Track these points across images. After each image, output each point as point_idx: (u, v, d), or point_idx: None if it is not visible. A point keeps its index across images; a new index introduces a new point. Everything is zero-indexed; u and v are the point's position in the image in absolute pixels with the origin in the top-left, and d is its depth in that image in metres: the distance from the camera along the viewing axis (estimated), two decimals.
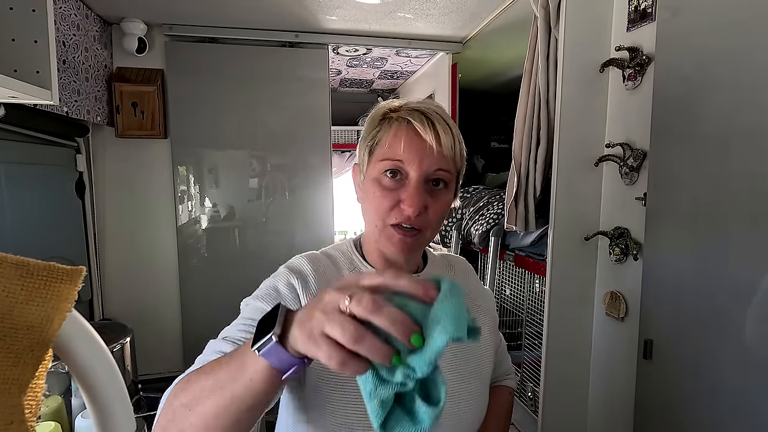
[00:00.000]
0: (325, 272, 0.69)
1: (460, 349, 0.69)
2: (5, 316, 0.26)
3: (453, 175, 0.65)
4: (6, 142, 1.33)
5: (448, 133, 0.63)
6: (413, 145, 0.62)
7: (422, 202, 0.62)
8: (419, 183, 0.62)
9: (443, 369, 0.41)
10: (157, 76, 1.85)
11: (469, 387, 0.69)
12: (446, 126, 0.63)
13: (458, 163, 0.66)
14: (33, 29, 0.91)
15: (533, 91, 1.41)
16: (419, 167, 0.62)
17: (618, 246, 1.24)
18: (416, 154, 0.62)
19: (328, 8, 1.69)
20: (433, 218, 0.64)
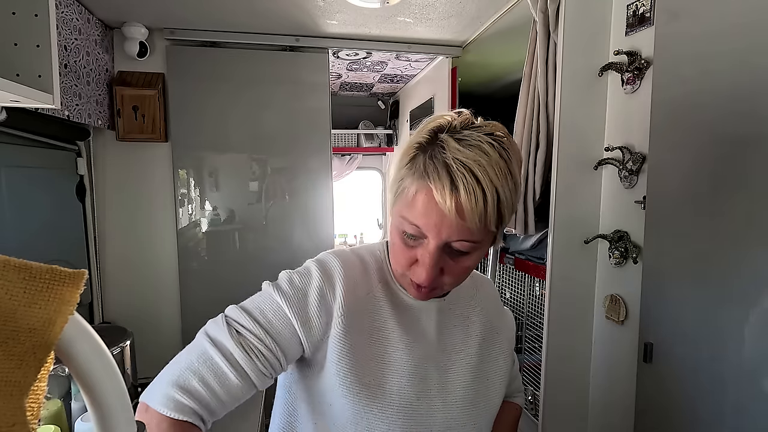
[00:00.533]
0: (354, 277, 0.65)
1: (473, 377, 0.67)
2: (8, 319, 0.26)
3: (482, 239, 0.57)
4: (7, 145, 1.33)
5: (477, 202, 0.52)
6: (431, 212, 0.54)
7: (434, 272, 0.57)
8: (435, 251, 0.56)
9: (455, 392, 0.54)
10: (158, 80, 1.86)
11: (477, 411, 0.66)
12: (478, 191, 0.52)
13: (493, 226, 0.56)
14: (35, 34, 0.92)
15: (532, 94, 1.42)
16: (436, 236, 0.55)
17: (617, 249, 1.25)
18: (434, 224, 0.54)
19: (329, 13, 1.70)
20: (453, 275, 0.59)
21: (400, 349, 0.63)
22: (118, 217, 1.90)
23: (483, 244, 0.58)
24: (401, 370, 0.62)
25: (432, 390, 0.64)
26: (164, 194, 1.95)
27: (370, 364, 0.61)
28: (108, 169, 1.87)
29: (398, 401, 0.61)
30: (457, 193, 0.52)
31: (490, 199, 0.53)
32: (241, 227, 2.04)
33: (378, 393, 0.60)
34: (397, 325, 0.64)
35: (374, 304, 0.64)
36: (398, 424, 0.61)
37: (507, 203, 0.55)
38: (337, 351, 0.60)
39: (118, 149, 1.87)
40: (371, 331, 0.63)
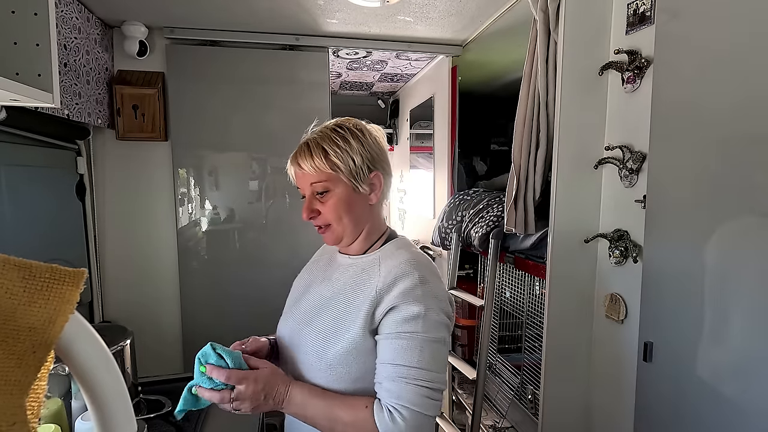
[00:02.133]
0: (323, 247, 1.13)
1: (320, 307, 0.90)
2: (8, 318, 0.26)
3: (331, 179, 0.85)
4: (7, 144, 1.33)
5: (306, 157, 0.85)
6: (296, 176, 0.90)
7: (308, 210, 0.88)
8: (308, 197, 0.88)
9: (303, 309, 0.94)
10: (158, 79, 1.86)
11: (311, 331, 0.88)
12: (305, 154, 0.86)
13: (331, 167, 0.85)
14: (35, 32, 0.92)
15: (533, 93, 1.42)
16: (303, 188, 0.89)
17: (618, 248, 1.25)
18: (298, 180, 0.89)
19: (329, 12, 1.70)
20: (329, 215, 0.88)
21: (304, 278, 1.03)
22: (118, 216, 1.90)
23: (331, 184, 0.86)
24: (297, 288, 1.03)
25: (300, 302, 0.96)
26: (164, 193, 1.95)
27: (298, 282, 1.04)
28: (108, 168, 1.87)
29: (288, 305, 1.02)
30: (296, 157, 0.88)
31: (316, 154, 0.85)
32: (241, 226, 2.04)
33: (288, 301, 1.03)
34: (319, 267, 1.01)
35: (322, 258, 1.05)
36: (281, 317, 1.02)
37: (336, 154, 0.85)
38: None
39: (118, 148, 1.87)
40: (309, 266, 1.07)
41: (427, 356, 0.77)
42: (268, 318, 2.03)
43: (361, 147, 0.87)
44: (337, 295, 0.88)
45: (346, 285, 0.88)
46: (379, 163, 0.90)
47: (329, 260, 0.99)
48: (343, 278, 0.90)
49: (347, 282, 0.88)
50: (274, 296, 2.02)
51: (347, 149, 0.86)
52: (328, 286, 0.91)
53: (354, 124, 0.91)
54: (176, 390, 1.34)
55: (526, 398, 1.69)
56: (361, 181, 0.87)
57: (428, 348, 0.78)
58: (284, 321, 0.99)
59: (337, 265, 0.94)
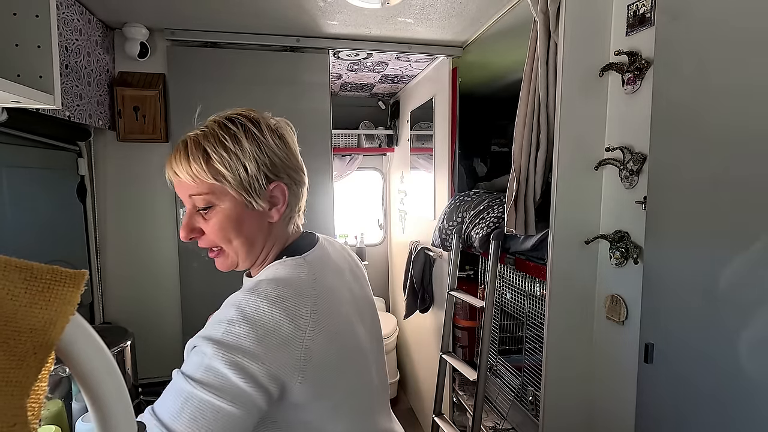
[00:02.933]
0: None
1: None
2: (9, 319, 0.26)
3: (214, 189, 0.67)
4: (8, 146, 1.33)
5: (181, 162, 0.67)
6: (174, 184, 0.71)
7: (187, 229, 0.69)
8: (187, 214, 0.69)
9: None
10: (159, 81, 1.86)
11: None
12: (183, 152, 0.67)
13: (214, 175, 0.66)
14: (36, 34, 0.92)
15: (533, 95, 1.42)
16: (183, 199, 0.69)
17: (618, 249, 1.25)
18: (177, 191, 0.70)
19: (329, 13, 1.71)
20: (212, 236, 0.70)
21: None
22: (118, 217, 1.91)
23: (217, 198, 0.67)
24: None
25: None
26: (165, 194, 1.95)
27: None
28: (109, 169, 1.88)
29: None
30: (170, 162, 0.69)
31: (197, 157, 0.66)
32: None
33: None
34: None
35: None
36: None
37: (222, 159, 0.66)
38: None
39: (118, 149, 1.87)
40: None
41: (185, 416, 0.57)
42: None
43: (257, 150, 0.67)
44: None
45: None
46: (283, 170, 0.71)
47: None
48: None
49: None
50: None
51: (237, 153, 0.66)
52: None
53: (251, 118, 0.70)
54: None
55: (526, 400, 1.69)
56: (257, 195, 0.68)
57: (191, 404, 0.58)
58: None
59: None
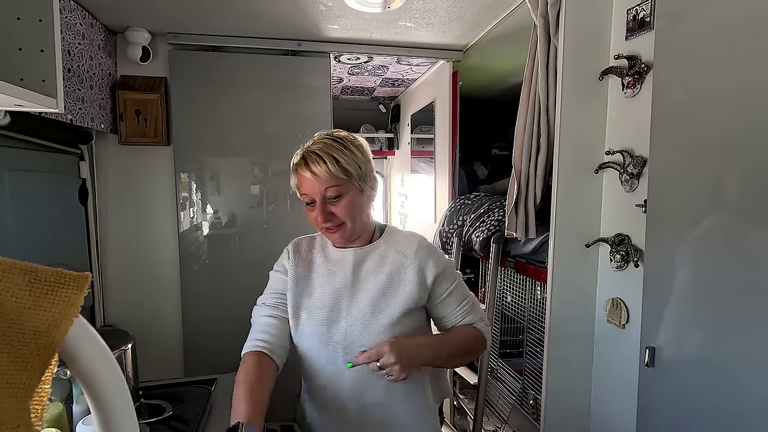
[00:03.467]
0: (300, 246, 1.11)
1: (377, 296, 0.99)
2: (14, 322, 0.26)
3: (343, 183, 0.95)
4: (11, 149, 1.34)
5: (320, 163, 0.93)
6: (305, 182, 0.96)
7: (326, 214, 0.95)
8: (319, 203, 0.95)
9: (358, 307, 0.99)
10: (161, 84, 1.87)
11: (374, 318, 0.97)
12: (318, 158, 0.94)
13: (343, 173, 0.95)
14: (39, 39, 0.93)
15: (533, 98, 1.42)
16: (314, 194, 0.95)
17: (619, 253, 1.25)
18: (309, 189, 0.96)
19: (330, 17, 1.71)
20: (343, 215, 0.96)
21: (323, 281, 1.03)
22: (120, 220, 1.91)
23: (345, 188, 0.96)
24: (323, 293, 1.01)
25: (342, 305, 0.99)
26: (166, 197, 1.96)
27: (304, 290, 1.03)
28: (110, 172, 1.88)
29: (319, 311, 1.00)
30: (308, 166, 0.94)
31: (329, 160, 0.93)
32: (242, 230, 2.05)
33: (307, 306, 1.02)
34: (323, 269, 1.04)
35: (311, 258, 1.07)
36: (318, 327, 0.99)
37: (348, 160, 0.95)
38: (290, 285, 1.03)
39: (120, 153, 1.88)
40: (306, 272, 1.05)
41: (466, 289, 1.09)
42: None
43: (361, 154, 0.99)
44: (386, 284, 1.00)
45: (386, 273, 1.00)
46: (373, 168, 1.05)
47: (330, 261, 1.05)
48: (378, 270, 1.01)
49: (385, 271, 1.01)
50: None
51: (353, 157, 0.97)
52: (372, 282, 1.00)
53: (347, 136, 1.02)
54: (177, 394, 1.34)
55: (527, 403, 1.68)
56: (366, 184, 1.00)
57: (463, 284, 1.09)
58: (328, 327, 1.00)
59: (350, 261, 1.02)
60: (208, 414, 1.28)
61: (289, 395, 2.02)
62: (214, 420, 1.26)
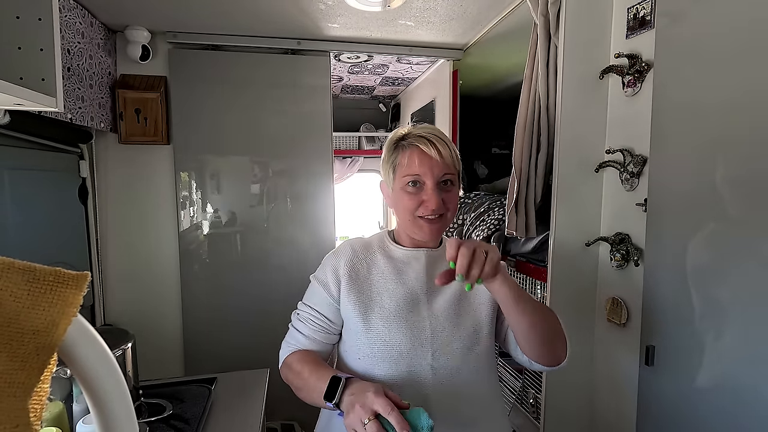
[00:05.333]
0: (354, 248, 0.96)
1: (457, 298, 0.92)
2: (12, 321, 0.26)
3: (456, 174, 0.91)
4: (10, 148, 1.34)
5: (445, 148, 0.88)
6: (424, 161, 0.87)
7: (439, 199, 0.87)
8: (435, 186, 0.87)
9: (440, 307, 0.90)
10: (161, 83, 1.87)
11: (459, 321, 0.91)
12: (444, 143, 0.89)
13: (457, 166, 0.92)
14: (39, 38, 0.93)
15: (533, 97, 1.42)
16: (432, 176, 0.87)
17: (619, 252, 1.25)
18: (428, 168, 0.87)
19: (330, 16, 1.71)
20: (450, 204, 0.90)
21: (392, 282, 0.92)
22: (120, 219, 1.91)
23: (456, 180, 0.91)
24: (394, 294, 0.90)
25: (421, 306, 0.90)
26: (166, 197, 1.96)
27: (370, 293, 0.91)
28: (110, 171, 1.88)
29: (395, 313, 0.89)
30: (434, 145, 0.87)
31: (450, 146, 0.90)
32: (242, 230, 2.05)
33: (377, 310, 0.89)
34: (389, 268, 0.93)
35: (371, 259, 0.95)
36: (397, 330, 0.88)
37: (457, 152, 0.92)
38: (346, 293, 0.91)
39: (120, 152, 1.88)
40: (368, 275, 0.93)
41: None
42: (270, 320, 2.04)
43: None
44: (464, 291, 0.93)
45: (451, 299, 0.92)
46: None
47: (396, 260, 0.94)
48: (445, 293, 0.92)
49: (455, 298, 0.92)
50: (275, 299, 2.04)
51: (455, 146, 0.93)
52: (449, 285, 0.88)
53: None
54: (177, 393, 1.34)
55: (527, 402, 1.68)
56: (460, 184, 0.96)
57: None
58: (411, 330, 0.88)
59: (422, 260, 0.93)
60: (208, 413, 1.28)
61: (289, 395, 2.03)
62: (214, 419, 1.26)
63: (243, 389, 1.45)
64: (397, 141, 0.91)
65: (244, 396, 1.40)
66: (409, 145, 0.89)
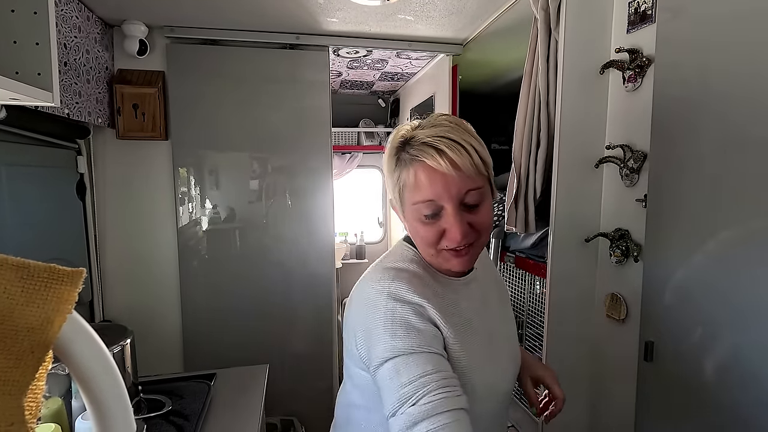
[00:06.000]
0: (421, 287, 0.70)
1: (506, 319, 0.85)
2: (6, 318, 0.26)
3: (483, 184, 0.68)
4: (7, 144, 1.33)
5: (461, 153, 0.64)
6: (436, 180, 0.65)
7: (464, 227, 0.66)
8: (456, 211, 0.66)
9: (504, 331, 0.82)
10: (158, 78, 1.86)
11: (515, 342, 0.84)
12: (458, 147, 0.65)
13: (484, 170, 0.69)
14: (34, 31, 0.92)
15: (533, 92, 1.42)
16: (450, 198, 0.65)
17: (618, 248, 1.24)
18: (442, 188, 0.65)
19: (329, 10, 1.70)
20: (480, 227, 0.69)
21: (474, 316, 0.75)
22: (118, 215, 1.90)
23: (485, 191, 0.69)
24: (480, 329, 0.74)
25: (495, 335, 0.78)
26: (164, 192, 1.95)
27: (466, 335, 0.71)
28: (108, 167, 1.87)
29: (485, 347, 0.74)
30: (444, 154, 0.64)
31: (470, 149, 0.65)
32: (241, 226, 2.04)
33: (476, 348, 0.72)
34: (465, 303, 0.75)
35: (444, 297, 0.72)
36: (490, 361, 0.74)
37: (482, 151, 0.68)
38: (450, 337, 0.68)
39: (118, 147, 1.87)
40: (454, 315, 0.71)
41: None
42: (268, 317, 2.04)
43: (486, 151, 0.71)
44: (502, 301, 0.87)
45: (495, 291, 0.85)
46: None
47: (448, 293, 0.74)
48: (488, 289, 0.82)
49: (492, 288, 0.84)
50: (274, 295, 2.04)
51: (484, 148, 0.69)
52: (492, 303, 0.82)
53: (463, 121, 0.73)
54: (176, 389, 1.34)
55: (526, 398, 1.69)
56: (494, 188, 0.73)
57: None
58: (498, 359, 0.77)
59: (469, 290, 0.78)
60: (207, 409, 1.28)
61: (289, 390, 2.03)
62: (213, 415, 1.27)
63: (242, 385, 1.45)
64: (398, 150, 0.70)
65: (244, 392, 1.41)
66: (412, 159, 0.67)
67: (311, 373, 2.12)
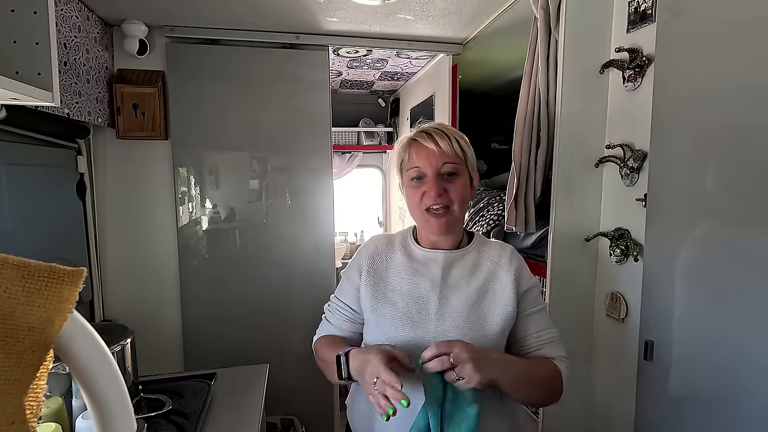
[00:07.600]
0: (376, 244, 1.01)
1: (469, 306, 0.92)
2: (7, 318, 0.26)
3: (460, 163, 0.91)
4: (7, 143, 1.33)
5: (444, 139, 0.90)
6: (421, 153, 0.91)
7: (439, 188, 0.89)
8: (434, 176, 0.90)
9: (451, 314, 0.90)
10: (158, 78, 1.86)
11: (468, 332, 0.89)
12: (441, 133, 0.91)
13: (461, 154, 0.92)
14: (34, 31, 0.92)
15: (533, 92, 1.42)
16: (430, 166, 0.90)
17: (618, 247, 1.24)
18: (426, 159, 0.90)
19: (329, 10, 1.70)
20: (454, 196, 0.90)
21: (407, 281, 0.94)
22: (118, 215, 1.90)
23: (461, 168, 0.92)
24: (407, 294, 0.93)
25: (431, 308, 0.91)
26: (164, 192, 1.95)
27: (384, 290, 0.95)
28: (108, 167, 1.87)
29: (404, 313, 0.92)
30: (431, 137, 0.90)
31: (452, 138, 0.91)
32: (241, 225, 2.04)
33: (388, 307, 0.93)
34: (407, 267, 0.96)
35: (391, 256, 0.98)
36: (402, 328, 0.91)
37: (464, 144, 0.93)
38: (364, 286, 0.96)
39: (118, 147, 1.87)
40: (386, 271, 0.97)
41: (550, 320, 1.00)
42: (269, 315, 2.04)
43: (470, 147, 0.96)
44: (480, 294, 0.92)
45: (479, 282, 0.93)
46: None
47: (414, 259, 0.97)
48: (470, 277, 0.94)
49: (478, 279, 0.94)
50: (274, 295, 2.04)
51: (467, 144, 0.94)
52: (464, 289, 0.92)
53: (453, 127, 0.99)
54: (177, 389, 1.34)
55: None
56: (474, 173, 0.96)
57: (547, 313, 1.01)
58: (414, 330, 0.90)
59: (440, 262, 0.94)
60: (207, 408, 1.28)
61: (289, 390, 2.03)
62: (213, 414, 1.27)
63: (243, 384, 1.45)
64: (405, 141, 0.96)
65: (244, 391, 1.41)
66: (410, 142, 0.94)
67: (311, 372, 2.11)
